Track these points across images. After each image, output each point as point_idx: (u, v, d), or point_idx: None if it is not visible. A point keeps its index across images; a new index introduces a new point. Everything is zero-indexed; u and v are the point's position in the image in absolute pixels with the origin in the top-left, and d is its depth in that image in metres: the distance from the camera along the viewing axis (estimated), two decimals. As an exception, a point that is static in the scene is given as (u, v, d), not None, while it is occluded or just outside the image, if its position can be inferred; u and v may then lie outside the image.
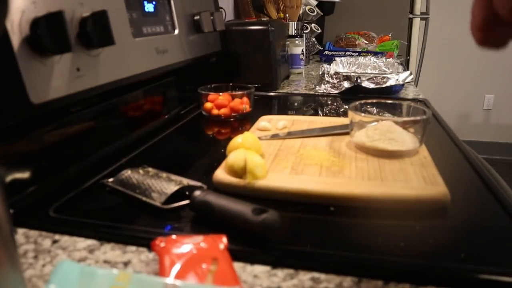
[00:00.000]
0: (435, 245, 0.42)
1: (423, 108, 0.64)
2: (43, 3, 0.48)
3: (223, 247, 0.37)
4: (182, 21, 0.86)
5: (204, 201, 0.45)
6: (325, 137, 0.69)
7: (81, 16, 0.54)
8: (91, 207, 0.51)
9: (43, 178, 0.53)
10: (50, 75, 0.50)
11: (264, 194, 0.51)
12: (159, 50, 0.76)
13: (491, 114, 3.40)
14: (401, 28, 2.22)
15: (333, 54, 1.65)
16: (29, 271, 0.38)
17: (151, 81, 0.79)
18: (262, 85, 1.14)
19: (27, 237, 0.44)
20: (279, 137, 0.69)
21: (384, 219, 0.46)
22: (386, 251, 0.41)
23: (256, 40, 1.12)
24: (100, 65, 0.59)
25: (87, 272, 0.30)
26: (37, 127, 0.52)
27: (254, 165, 0.52)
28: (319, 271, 0.38)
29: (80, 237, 0.43)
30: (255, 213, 0.41)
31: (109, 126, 0.68)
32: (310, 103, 1.08)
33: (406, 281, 0.36)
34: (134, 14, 0.69)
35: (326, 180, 0.52)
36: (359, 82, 1.07)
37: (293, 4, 1.53)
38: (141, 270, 0.38)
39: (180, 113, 0.93)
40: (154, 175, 0.52)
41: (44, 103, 0.49)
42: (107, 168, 0.60)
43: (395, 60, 1.22)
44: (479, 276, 0.37)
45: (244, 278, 0.37)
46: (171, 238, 0.37)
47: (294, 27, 1.48)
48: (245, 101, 0.88)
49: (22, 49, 0.46)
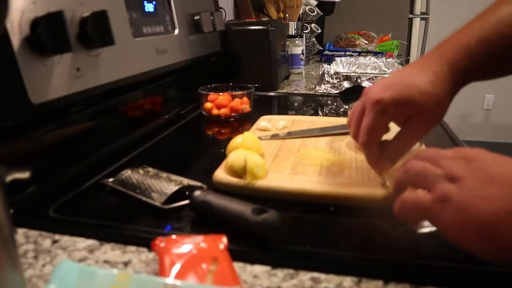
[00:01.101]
0: (435, 245, 0.42)
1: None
2: (43, 3, 0.48)
3: (223, 247, 0.37)
4: (182, 21, 0.86)
5: (204, 201, 0.45)
6: (325, 137, 0.69)
7: (81, 16, 0.54)
8: (91, 207, 0.51)
9: (43, 178, 0.53)
10: (50, 75, 0.50)
11: (264, 194, 0.51)
12: (159, 50, 0.76)
13: (491, 114, 3.40)
14: (401, 28, 2.22)
15: (333, 54, 1.65)
16: (29, 271, 0.38)
17: (151, 81, 0.79)
18: (262, 85, 1.14)
19: (27, 237, 0.44)
20: (279, 137, 0.69)
21: (384, 219, 0.46)
22: (386, 251, 0.41)
23: (256, 40, 1.12)
24: (100, 65, 0.59)
25: (87, 272, 0.30)
26: (37, 127, 0.52)
27: (254, 165, 0.52)
28: (319, 271, 0.38)
29: (80, 237, 0.43)
30: (255, 213, 0.41)
31: (109, 126, 0.68)
32: (310, 103, 1.08)
33: (406, 281, 0.36)
34: (134, 14, 0.69)
35: (326, 180, 0.52)
36: (359, 82, 1.07)
37: (293, 4, 1.53)
38: (141, 270, 0.38)
39: (180, 113, 0.92)
40: (154, 175, 0.52)
41: (44, 103, 0.49)
42: (107, 168, 0.60)
43: (395, 60, 1.22)
44: (479, 276, 0.37)
45: (244, 278, 0.37)
46: (171, 238, 0.37)
47: (294, 27, 1.48)
48: (245, 101, 0.88)
49: (22, 49, 0.46)
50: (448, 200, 0.32)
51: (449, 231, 0.33)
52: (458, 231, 0.32)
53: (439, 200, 0.33)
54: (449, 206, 0.32)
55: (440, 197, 0.33)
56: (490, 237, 0.31)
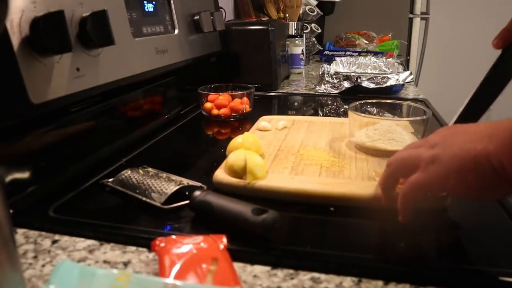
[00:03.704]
0: (435, 245, 0.42)
1: (423, 108, 0.64)
2: (43, 3, 0.48)
3: (223, 247, 0.37)
4: (182, 21, 0.86)
5: (204, 201, 0.45)
6: (325, 137, 0.69)
7: (81, 16, 0.54)
8: (91, 207, 0.51)
9: (43, 178, 0.53)
10: (50, 75, 0.50)
11: (264, 194, 0.51)
12: (159, 50, 0.76)
13: (491, 114, 3.39)
14: (401, 28, 2.21)
15: (333, 54, 1.65)
16: (29, 271, 0.38)
17: (151, 81, 0.79)
18: (262, 85, 1.14)
19: (27, 237, 0.44)
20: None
21: (384, 219, 0.46)
22: (386, 251, 0.41)
23: (256, 40, 1.12)
24: (100, 65, 0.59)
25: (87, 272, 0.30)
26: (37, 127, 0.52)
27: (254, 165, 0.52)
28: (319, 271, 0.38)
29: (80, 237, 0.43)
30: (255, 213, 0.41)
31: (109, 126, 0.68)
32: (310, 103, 1.08)
33: (406, 281, 0.36)
34: (134, 14, 0.69)
35: (326, 180, 0.52)
36: (359, 82, 1.07)
37: (293, 4, 1.53)
38: (141, 270, 0.38)
39: (180, 113, 0.92)
40: (154, 175, 0.52)
41: (44, 103, 0.49)
42: (107, 168, 0.60)
43: (395, 60, 1.22)
44: (479, 276, 0.37)
45: (244, 278, 0.37)
46: (171, 238, 0.37)
47: (294, 27, 1.48)
48: (245, 101, 0.88)
49: (22, 49, 0.46)
50: (438, 158, 0.37)
51: (450, 181, 0.36)
52: (458, 179, 0.35)
53: (431, 162, 0.37)
54: (441, 161, 0.36)
55: (430, 160, 0.37)
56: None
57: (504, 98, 1.68)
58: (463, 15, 3.07)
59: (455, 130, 0.39)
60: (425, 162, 0.38)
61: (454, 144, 0.36)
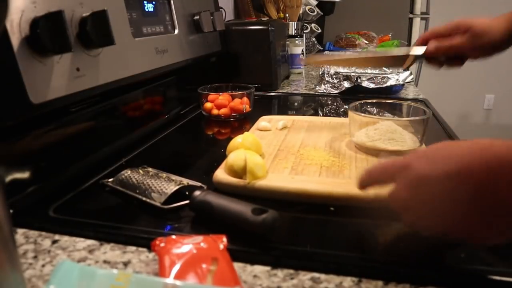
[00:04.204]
0: (435, 245, 0.42)
1: (423, 108, 0.64)
2: (43, 3, 0.48)
3: (223, 247, 0.37)
4: (182, 21, 0.86)
5: (204, 201, 0.45)
6: (325, 137, 0.69)
7: (81, 16, 0.54)
8: (91, 207, 0.51)
9: (43, 178, 0.53)
10: (50, 75, 0.50)
11: (264, 194, 0.51)
12: (159, 50, 0.76)
13: (492, 114, 3.40)
14: (401, 28, 2.22)
15: (333, 54, 1.65)
16: (29, 271, 0.38)
17: (151, 81, 0.79)
18: (262, 85, 1.14)
19: (27, 237, 0.44)
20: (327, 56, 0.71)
21: (384, 219, 0.45)
22: (386, 251, 0.41)
23: (256, 40, 1.12)
24: (100, 65, 0.58)
25: (87, 272, 0.30)
26: (37, 127, 0.52)
27: (254, 165, 0.52)
28: (319, 271, 0.38)
29: (80, 237, 0.43)
30: (255, 213, 0.41)
31: (109, 126, 0.68)
32: (310, 103, 1.08)
33: (406, 281, 0.36)
34: (134, 14, 0.69)
35: (326, 180, 0.52)
36: (359, 82, 1.07)
37: (293, 4, 1.53)
38: (141, 270, 0.38)
39: (180, 113, 0.92)
40: (154, 175, 0.52)
41: (44, 103, 0.49)
42: (107, 168, 0.60)
43: (395, 60, 1.22)
44: (479, 276, 0.37)
45: (244, 278, 0.37)
46: (171, 238, 0.37)
47: (294, 27, 1.48)
48: (245, 101, 0.88)
49: (22, 49, 0.46)
50: (409, 167, 0.36)
51: (402, 193, 0.37)
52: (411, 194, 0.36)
53: (404, 168, 0.37)
54: (410, 172, 0.36)
55: (403, 166, 0.37)
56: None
57: (504, 98, 1.70)
58: (463, 15, 3.07)
59: (426, 152, 0.38)
60: (402, 165, 0.37)
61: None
